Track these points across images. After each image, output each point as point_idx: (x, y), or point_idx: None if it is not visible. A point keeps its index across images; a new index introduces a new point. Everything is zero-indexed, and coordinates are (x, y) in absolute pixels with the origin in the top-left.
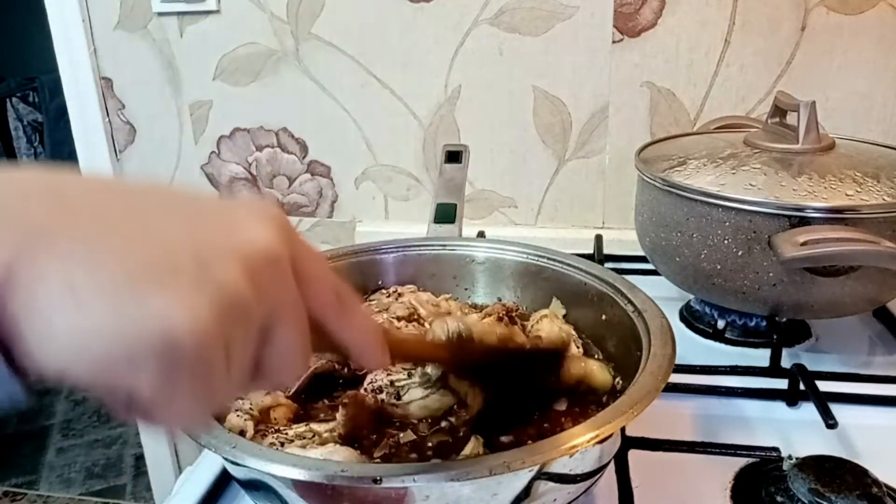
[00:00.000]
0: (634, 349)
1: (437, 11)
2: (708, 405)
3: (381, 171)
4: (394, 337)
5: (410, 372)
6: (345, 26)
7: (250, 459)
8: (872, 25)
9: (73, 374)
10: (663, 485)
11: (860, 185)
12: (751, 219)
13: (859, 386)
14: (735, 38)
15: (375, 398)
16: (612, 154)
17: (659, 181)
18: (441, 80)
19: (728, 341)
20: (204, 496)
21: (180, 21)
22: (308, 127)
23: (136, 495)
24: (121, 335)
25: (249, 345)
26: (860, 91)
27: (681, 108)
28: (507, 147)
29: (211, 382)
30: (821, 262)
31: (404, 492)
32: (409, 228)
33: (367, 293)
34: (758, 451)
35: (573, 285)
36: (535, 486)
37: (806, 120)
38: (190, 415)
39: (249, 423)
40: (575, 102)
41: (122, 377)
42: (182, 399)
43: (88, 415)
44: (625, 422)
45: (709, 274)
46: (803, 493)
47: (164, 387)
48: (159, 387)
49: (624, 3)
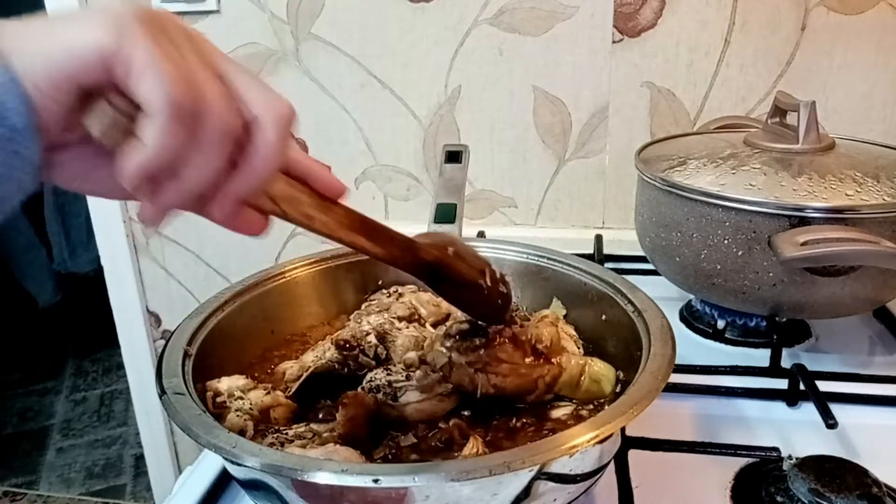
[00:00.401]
0: (634, 349)
1: (437, 11)
2: (708, 405)
3: (381, 171)
4: (373, 223)
5: (409, 374)
6: (345, 26)
7: (250, 459)
8: (872, 25)
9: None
10: (663, 485)
11: (860, 185)
12: (751, 219)
13: (859, 386)
14: (735, 38)
15: (375, 398)
16: (612, 154)
17: (659, 181)
18: (441, 80)
19: (728, 341)
20: (204, 496)
21: None
22: (308, 127)
23: (136, 495)
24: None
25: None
26: (860, 91)
27: (681, 108)
28: (507, 147)
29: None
30: (821, 262)
31: (404, 492)
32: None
33: (367, 293)
34: (758, 451)
35: (573, 285)
36: (535, 486)
37: (806, 120)
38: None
39: (249, 423)
40: (575, 102)
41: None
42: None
43: (88, 415)
44: (625, 422)
45: (709, 274)
46: (803, 493)
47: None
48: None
49: (624, 3)
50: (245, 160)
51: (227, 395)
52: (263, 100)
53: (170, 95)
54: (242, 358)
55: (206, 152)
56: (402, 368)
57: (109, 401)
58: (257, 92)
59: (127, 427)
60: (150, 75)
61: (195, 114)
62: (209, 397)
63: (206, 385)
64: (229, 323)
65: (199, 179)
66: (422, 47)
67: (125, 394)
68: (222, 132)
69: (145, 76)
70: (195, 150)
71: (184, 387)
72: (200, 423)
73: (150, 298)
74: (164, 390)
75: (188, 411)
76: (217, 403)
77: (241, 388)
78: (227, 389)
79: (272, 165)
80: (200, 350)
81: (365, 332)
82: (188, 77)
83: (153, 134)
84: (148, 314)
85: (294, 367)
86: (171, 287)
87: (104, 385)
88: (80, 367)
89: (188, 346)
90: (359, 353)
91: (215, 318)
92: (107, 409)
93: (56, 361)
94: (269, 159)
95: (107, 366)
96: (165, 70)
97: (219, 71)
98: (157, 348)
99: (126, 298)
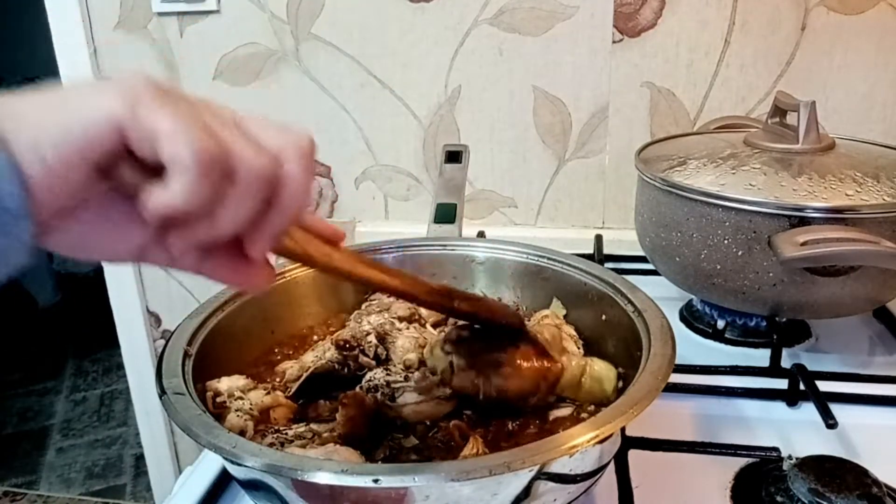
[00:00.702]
0: (634, 349)
1: (437, 11)
2: (708, 405)
3: (381, 171)
4: (380, 263)
5: (407, 375)
6: (345, 26)
7: (250, 459)
8: (872, 25)
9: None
10: (663, 485)
11: (860, 185)
12: (751, 219)
13: (859, 386)
14: (735, 38)
15: (374, 398)
16: (612, 154)
17: (659, 181)
18: (441, 80)
19: (728, 341)
20: (204, 496)
21: (180, 21)
22: (308, 127)
23: (136, 495)
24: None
25: None
26: (860, 91)
27: (681, 108)
28: (507, 147)
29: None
30: (821, 262)
31: (404, 492)
32: (409, 228)
33: (367, 293)
34: (758, 451)
35: (573, 285)
36: (535, 486)
37: (806, 120)
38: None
39: (249, 423)
40: (575, 102)
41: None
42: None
43: (88, 415)
44: (625, 422)
45: (709, 274)
46: (803, 493)
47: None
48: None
49: (624, 3)
50: (275, 197)
51: (227, 395)
52: (283, 137)
53: (197, 151)
54: (242, 358)
55: (242, 197)
56: (402, 369)
57: (109, 401)
58: (275, 131)
59: (127, 427)
60: (172, 135)
61: (225, 164)
62: (209, 397)
63: (206, 385)
64: (229, 323)
65: (234, 221)
66: (422, 47)
67: (125, 394)
68: (256, 176)
69: (167, 137)
70: (230, 196)
71: (184, 387)
72: (200, 423)
73: (150, 298)
74: (164, 390)
75: (188, 411)
76: (217, 403)
77: (241, 388)
78: (227, 389)
79: (303, 198)
80: (200, 350)
81: (365, 332)
82: (209, 130)
83: (183, 188)
84: (148, 314)
85: (294, 367)
86: (171, 287)
87: (104, 385)
88: (80, 367)
89: (188, 346)
90: (359, 353)
91: (215, 318)
92: (107, 409)
93: (56, 361)
94: (298, 192)
95: (107, 366)
96: (187, 127)
97: (234, 121)
98: (157, 348)
99: (126, 298)
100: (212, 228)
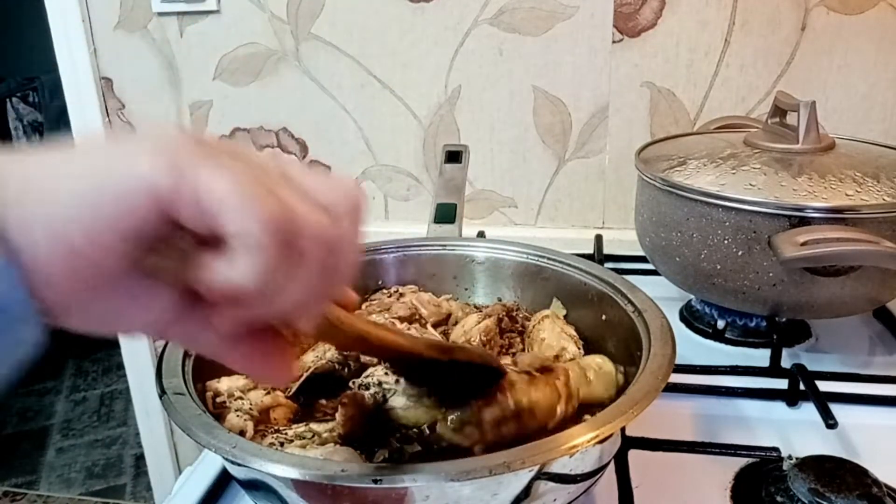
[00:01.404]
0: (634, 349)
1: (437, 12)
2: (708, 405)
3: (381, 171)
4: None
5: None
6: (345, 26)
7: (250, 459)
8: (872, 25)
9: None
10: (663, 485)
11: (860, 185)
12: (751, 219)
13: (859, 386)
14: (735, 38)
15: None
16: (612, 154)
17: (659, 181)
18: (441, 80)
19: (728, 341)
20: (204, 496)
21: (180, 21)
22: (308, 127)
23: (136, 495)
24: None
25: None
26: (860, 91)
27: (681, 108)
28: (507, 147)
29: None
30: (821, 262)
31: (404, 492)
32: (409, 228)
33: (367, 293)
34: (758, 451)
35: (573, 285)
36: (535, 486)
37: (806, 120)
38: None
39: (249, 423)
40: (575, 102)
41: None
42: None
43: (88, 415)
44: (625, 422)
45: (709, 274)
46: (803, 493)
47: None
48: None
49: (624, 3)
50: (333, 262)
51: (227, 395)
52: (334, 190)
53: (265, 221)
54: None
55: (312, 268)
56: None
57: (109, 401)
58: (325, 183)
59: (127, 427)
60: (232, 201)
61: (292, 232)
62: (209, 397)
63: (206, 385)
64: None
65: (300, 296)
66: (422, 47)
67: (125, 394)
68: (324, 242)
69: (226, 204)
70: (300, 268)
71: (184, 387)
72: (200, 423)
73: None
74: (164, 390)
75: (188, 411)
76: (217, 403)
77: (241, 388)
78: (227, 389)
79: (355, 260)
80: None
81: None
82: (270, 191)
83: (254, 265)
84: None
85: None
86: None
87: (104, 385)
88: (80, 367)
89: None
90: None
91: None
92: (107, 409)
93: (56, 361)
94: (355, 256)
95: (107, 366)
96: (247, 190)
97: (282, 174)
98: (157, 348)
99: None
100: (273, 305)
